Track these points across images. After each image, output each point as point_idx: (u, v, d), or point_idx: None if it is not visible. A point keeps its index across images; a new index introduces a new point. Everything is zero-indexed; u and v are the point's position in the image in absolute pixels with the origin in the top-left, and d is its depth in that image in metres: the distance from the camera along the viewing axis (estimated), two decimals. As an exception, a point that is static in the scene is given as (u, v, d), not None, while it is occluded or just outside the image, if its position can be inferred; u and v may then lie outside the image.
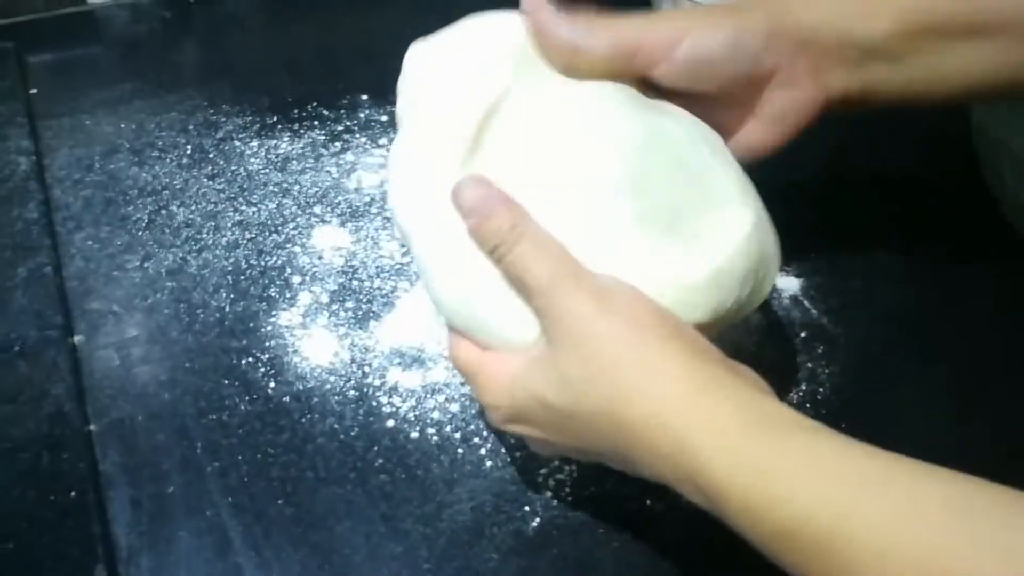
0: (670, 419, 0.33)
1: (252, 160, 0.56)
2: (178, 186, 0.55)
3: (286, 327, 0.48)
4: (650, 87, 0.40)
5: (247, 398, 0.45)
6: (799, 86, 0.41)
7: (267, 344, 0.48)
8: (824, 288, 0.51)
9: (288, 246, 0.52)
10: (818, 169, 0.55)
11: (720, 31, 0.39)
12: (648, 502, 0.42)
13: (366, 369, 0.47)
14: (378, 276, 0.51)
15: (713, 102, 0.41)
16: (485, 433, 0.44)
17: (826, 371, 0.47)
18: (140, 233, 0.52)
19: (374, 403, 0.45)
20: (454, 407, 0.45)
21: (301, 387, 0.46)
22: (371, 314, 0.49)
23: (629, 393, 0.33)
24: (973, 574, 0.26)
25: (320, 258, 0.52)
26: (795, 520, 0.29)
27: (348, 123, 0.59)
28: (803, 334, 0.49)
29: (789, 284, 0.51)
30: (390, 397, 0.46)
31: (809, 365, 0.48)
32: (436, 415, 0.45)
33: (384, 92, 0.60)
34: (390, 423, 0.45)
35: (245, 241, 0.52)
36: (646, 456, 0.34)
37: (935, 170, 0.58)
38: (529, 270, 0.36)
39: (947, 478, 0.29)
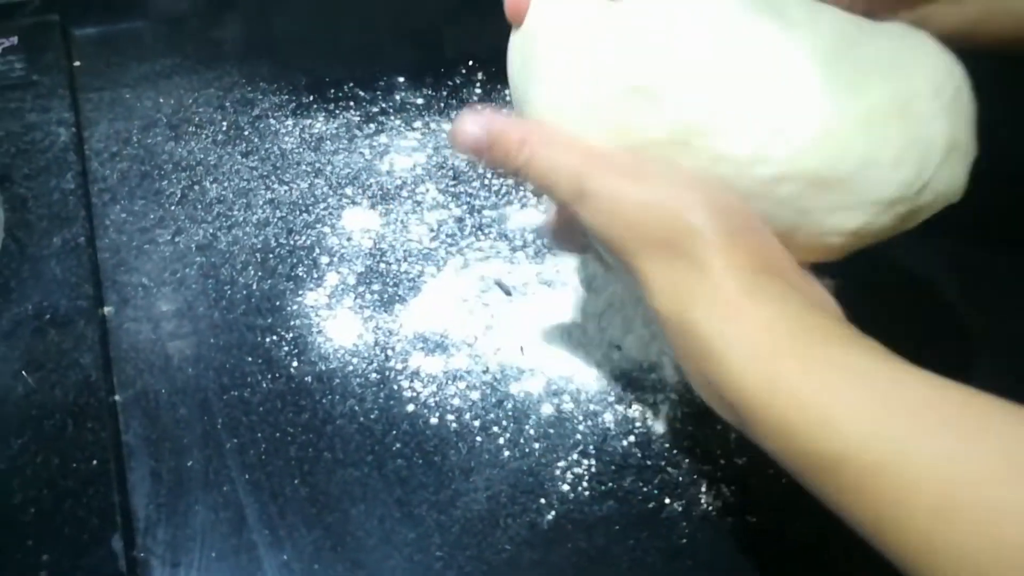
0: (700, 321, 0.29)
1: (286, 139, 0.56)
2: (212, 162, 0.55)
3: (312, 307, 0.48)
4: None
5: (269, 376, 0.46)
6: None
7: (292, 323, 0.48)
8: (861, 287, 0.49)
9: (318, 226, 0.52)
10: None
11: None
12: (667, 500, 0.41)
13: (389, 352, 0.46)
14: (405, 260, 0.50)
15: None
16: (504, 422, 0.44)
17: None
18: (173, 208, 0.52)
19: (395, 387, 0.45)
20: (474, 395, 0.45)
21: (323, 368, 0.46)
22: (397, 297, 0.49)
23: (661, 285, 0.30)
24: None
25: (349, 239, 0.51)
26: (838, 449, 0.26)
27: (383, 105, 0.58)
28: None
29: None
30: (411, 382, 0.45)
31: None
32: (456, 402, 0.45)
33: (420, 75, 0.60)
34: (410, 408, 0.45)
35: (275, 220, 0.52)
36: (676, 352, 0.31)
37: (984, 171, 0.55)
38: (555, 169, 0.33)
39: (1016, 412, 0.25)
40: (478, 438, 0.43)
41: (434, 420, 0.44)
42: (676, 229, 0.31)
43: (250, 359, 0.46)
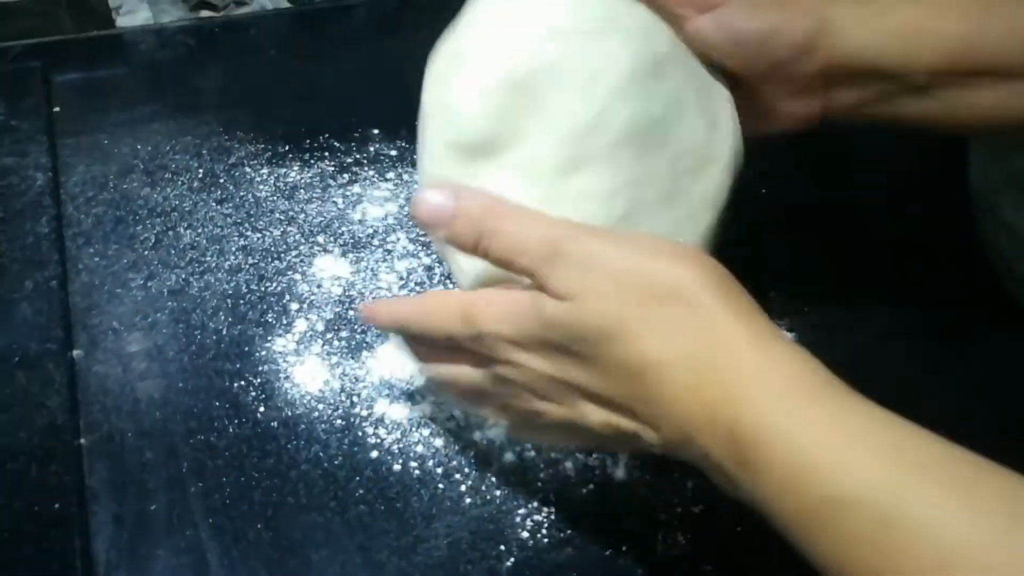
0: (716, 359, 0.29)
1: (261, 187, 0.58)
2: (187, 208, 0.56)
3: (280, 353, 0.49)
4: None
5: (236, 421, 0.46)
6: (805, 102, 0.39)
7: (260, 369, 0.48)
8: (814, 347, 0.51)
9: (289, 273, 0.53)
10: (814, 229, 0.56)
11: (756, 18, 0.37)
12: (624, 548, 0.42)
13: (355, 399, 0.47)
14: (374, 307, 0.51)
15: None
16: (466, 469, 0.45)
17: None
18: (146, 252, 0.53)
19: (360, 433, 0.46)
20: (438, 442, 0.46)
21: (290, 413, 0.47)
22: (364, 344, 0.50)
23: (656, 331, 0.30)
24: None
25: (319, 287, 0.52)
26: (852, 493, 0.27)
27: (357, 155, 0.60)
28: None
29: (781, 338, 0.51)
30: (376, 428, 0.46)
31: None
32: (420, 449, 0.45)
33: (395, 127, 0.61)
34: (374, 454, 0.45)
35: (247, 266, 0.53)
36: (671, 395, 0.30)
37: (931, 235, 0.58)
38: (526, 234, 0.33)
39: (1006, 476, 0.26)
40: (440, 485, 0.44)
41: (397, 467, 0.45)
42: (670, 275, 0.31)
43: (217, 404, 0.47)
